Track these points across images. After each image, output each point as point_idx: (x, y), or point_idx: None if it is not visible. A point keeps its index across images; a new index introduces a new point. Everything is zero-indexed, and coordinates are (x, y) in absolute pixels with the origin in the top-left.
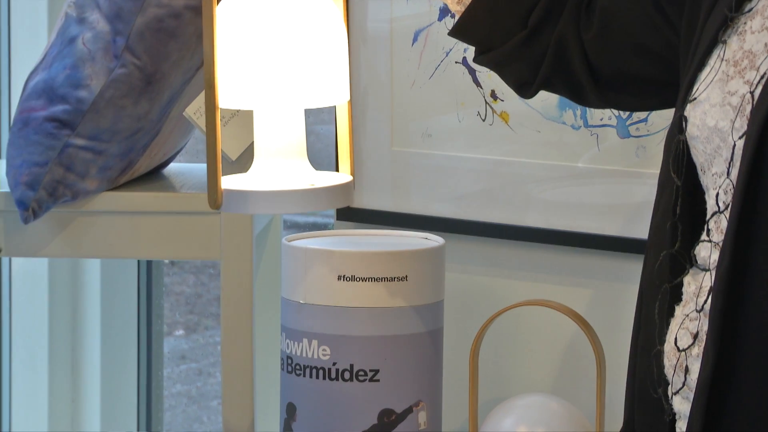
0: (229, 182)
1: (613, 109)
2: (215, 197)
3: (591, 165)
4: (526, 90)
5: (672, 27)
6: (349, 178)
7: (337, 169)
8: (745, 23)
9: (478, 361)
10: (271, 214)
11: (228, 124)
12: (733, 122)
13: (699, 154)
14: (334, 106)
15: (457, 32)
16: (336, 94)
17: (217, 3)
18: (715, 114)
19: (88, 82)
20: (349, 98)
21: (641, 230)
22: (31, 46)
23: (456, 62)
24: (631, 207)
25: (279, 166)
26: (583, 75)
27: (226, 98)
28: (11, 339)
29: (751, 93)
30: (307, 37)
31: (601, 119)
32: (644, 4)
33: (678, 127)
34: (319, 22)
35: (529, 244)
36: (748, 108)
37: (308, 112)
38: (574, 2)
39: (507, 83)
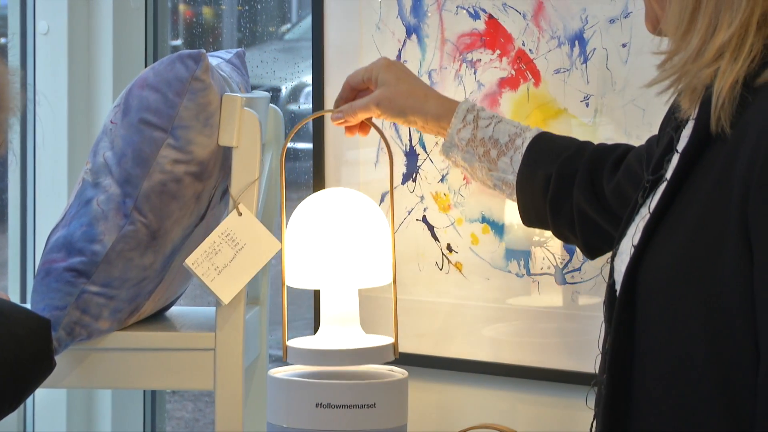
0: (294, 342)
1: (555, 260)
2: (284, 352)
3: (533, 307)
4: (588, 253)
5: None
6: (390, 340)
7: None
8: (660, 187)
9: None
10: (328, 367)
11: (222, 273)
12: None
13: None
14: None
15: (524, 221)
16: (381, 277)
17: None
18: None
19: (102, 237)
20: (392, 280)
21: (574, 363)
22: (52, 207)
23: (417, 220)
24: (566, 343)
25: (337, 331)
26: (607, 225)
27: (297, 280)
28: None
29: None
30: (361, 237)
31: (541, 268)
32: (638, 162)
33: (610, 274)
34: (369, 225)
35: (480, 375)
36: None
37: None
38: (585, 172)
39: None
